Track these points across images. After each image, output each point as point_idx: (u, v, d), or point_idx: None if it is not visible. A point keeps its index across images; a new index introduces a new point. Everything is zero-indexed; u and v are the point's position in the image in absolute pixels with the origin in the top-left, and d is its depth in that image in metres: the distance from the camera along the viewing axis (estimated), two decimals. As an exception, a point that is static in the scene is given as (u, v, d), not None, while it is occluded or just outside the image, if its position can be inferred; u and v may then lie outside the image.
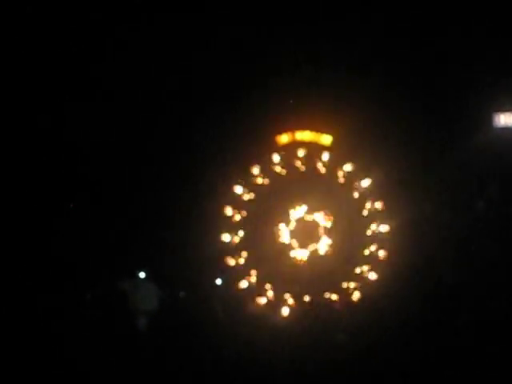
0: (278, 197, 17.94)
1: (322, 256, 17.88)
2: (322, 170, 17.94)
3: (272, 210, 17.93)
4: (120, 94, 17.14)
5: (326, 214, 17.87)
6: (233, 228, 17.71)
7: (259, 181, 17.90)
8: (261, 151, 17.91)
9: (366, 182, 17.72)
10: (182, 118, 17.66)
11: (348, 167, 17.81)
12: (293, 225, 17.96)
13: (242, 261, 17.61)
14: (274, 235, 17.88)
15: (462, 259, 16.52)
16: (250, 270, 17.54)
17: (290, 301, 17.38)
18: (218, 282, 18.01)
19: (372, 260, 17.59)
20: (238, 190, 17.74)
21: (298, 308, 17.04)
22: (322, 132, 18.06)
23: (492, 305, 13.64)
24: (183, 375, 12.14)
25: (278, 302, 17.40)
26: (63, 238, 16.63)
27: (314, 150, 17.99)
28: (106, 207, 17.30)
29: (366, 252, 17.58)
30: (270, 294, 17.52)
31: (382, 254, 17.54)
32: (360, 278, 17.52)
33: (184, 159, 17.71)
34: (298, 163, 17.98)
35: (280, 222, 17.91)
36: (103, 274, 16.57)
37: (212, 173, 17.31)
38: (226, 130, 17.65)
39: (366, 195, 17.80)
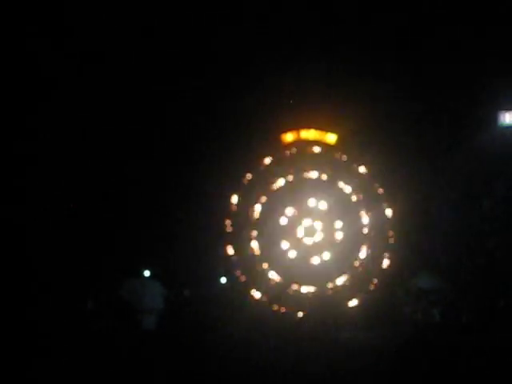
0: (286, 195, 18.00)
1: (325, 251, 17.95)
2: (328, 170, 17.98)
3: (279, 206, 17.98)
4: (125, 93, 17.24)
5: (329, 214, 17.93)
6: (238, 225, 17.82)
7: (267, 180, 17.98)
8: (266, 149, 17.96)
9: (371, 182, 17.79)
10: (186, 116, 17.72)
11: (354, 168, 17.87)
12: (299, 222, 18.01)
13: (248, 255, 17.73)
14: (281, 232, 17.93)
15: (466, 257, 16.54)
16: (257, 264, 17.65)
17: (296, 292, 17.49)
18: (223, 280, 18.10)
19: (373, 260, 17.65)
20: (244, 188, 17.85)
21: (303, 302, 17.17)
22: (327, 131, 18.08)
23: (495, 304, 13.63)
24: (189, 373, 12.18)
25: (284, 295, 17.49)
26: (67, 236, 16.72)
27: (321, 149, 18.05)
28: (110, 206, 17.38)
29: (367, 251, 17.65)
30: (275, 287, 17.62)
31: (385, 255, 17.62)
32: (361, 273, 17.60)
33: (189, 159, 17.77)
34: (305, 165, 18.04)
35: (286, 219, 17.96)
36: (108, 273, 16.65)
37: (217, 172, 17.36)
38: (231, 129, 17.70)
39: (372, 195, 17.85)
